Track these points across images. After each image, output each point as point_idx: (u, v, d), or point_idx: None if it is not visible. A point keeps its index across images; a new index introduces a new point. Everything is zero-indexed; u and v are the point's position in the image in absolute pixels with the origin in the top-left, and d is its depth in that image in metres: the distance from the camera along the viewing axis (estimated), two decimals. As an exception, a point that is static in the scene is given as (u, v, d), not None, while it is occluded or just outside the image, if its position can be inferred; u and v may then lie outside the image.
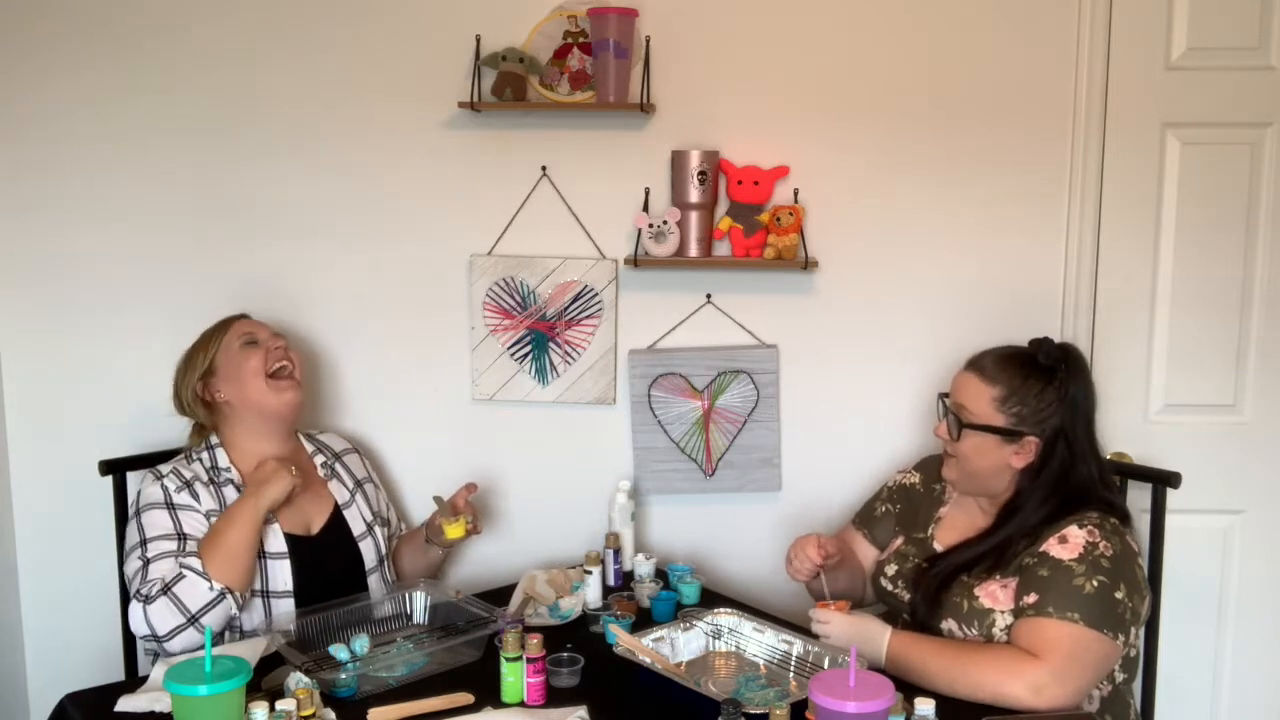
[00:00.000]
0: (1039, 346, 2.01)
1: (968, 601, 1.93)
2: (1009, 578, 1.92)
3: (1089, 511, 1.92)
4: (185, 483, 2.14)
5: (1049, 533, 1.91)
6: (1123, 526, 1.93)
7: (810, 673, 1.85)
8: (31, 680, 2.70)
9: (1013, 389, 1.96)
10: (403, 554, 2.42)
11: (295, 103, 2.53)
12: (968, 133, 2.47)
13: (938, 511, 2.16)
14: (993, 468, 1.99)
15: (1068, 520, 1.91)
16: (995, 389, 1.97)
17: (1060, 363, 1.98)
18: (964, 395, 2.01)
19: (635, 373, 2.57)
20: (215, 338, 2.26)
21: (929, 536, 2.13)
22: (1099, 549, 1.86)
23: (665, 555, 2.59)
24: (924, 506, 2.20)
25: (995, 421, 1.96)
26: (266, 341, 2.25)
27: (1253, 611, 2.56)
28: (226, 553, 2.02)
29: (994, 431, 1.96)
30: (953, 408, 2.03)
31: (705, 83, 2.49)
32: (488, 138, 2.53)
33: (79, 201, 2.56)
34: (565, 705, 1.79)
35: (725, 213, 2.49)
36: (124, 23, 2.51)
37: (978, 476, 2.02)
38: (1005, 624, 1.88)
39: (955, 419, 2.01)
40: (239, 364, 2.21)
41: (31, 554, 2.66)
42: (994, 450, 1.97)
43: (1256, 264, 2.47)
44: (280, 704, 1.68)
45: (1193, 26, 2.41)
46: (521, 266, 2.56)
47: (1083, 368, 2.02)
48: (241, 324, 2.29)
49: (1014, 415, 1.96)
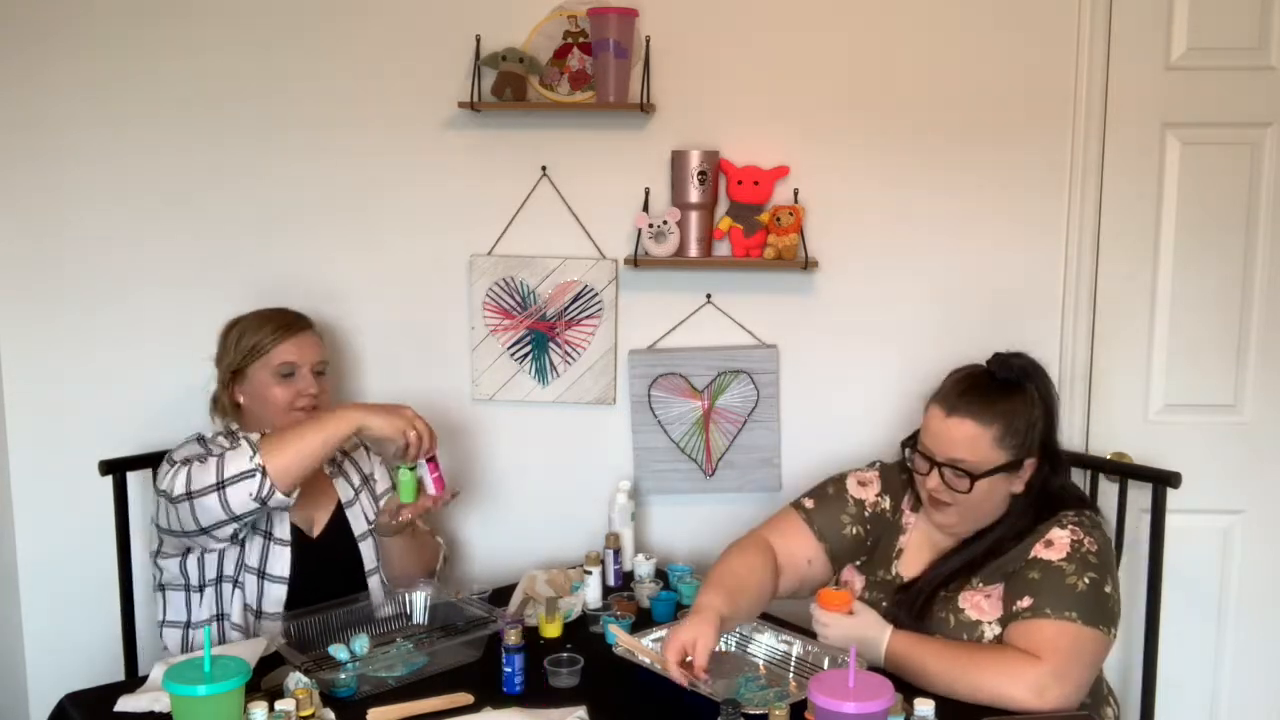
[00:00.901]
0: (1002, 364, 1.96)
1: (953, 615, 1.91)
2: (991, 585, 1.91)
3: (1066, 511, 1.92)
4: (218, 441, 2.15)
5: (1032, 537, 1.91)
6: (1096, 518, 1.94)
7: (810, 673, 1.84)
8: (31, 680, 2.70)
9: (1008, 422, 1.89)
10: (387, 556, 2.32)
11: (295, 102, 2.53)
12: (967, 133, 2.47)
13: (897, 542, 2.07)
14: (997, 502, 1.95)
15: (1049, 523, 1.91)
16: (992, 429, 1.88)
17: (1023, 374, 1.94)
18: (960, 446, 1.89)
19: (635, 373, 2.57)
20: (263, 346, 2.18)
21: (894, 575, 2.04)
22: (1085, 546, 1.86)
23: (665, 555, 2.59)
24: (887, 536, 2.09)
25: (1001, 460, 1.89)
26: (302, 381, 2.19)
27: (1253, 611, 2.56)
28: (283, 443, 1.97)
29: (1002, 470, 1.91)
30: (947, 460, 1.90)
31: (705, 83, 2.49)
32: (488, 138, 2.53)
33: (79, 202, 2.56)
34: (565, 705, 1.79)
35: (725, 213, 2.49)
36: (124, 22, 2.51)
37: (983, 517, 1.96)
38: (993, 634, 1.88)
39: (959, 473, 1.89)
40: (267, 387, 2.18)
41: (31, 554, 2.66)
42: (1001, 486, 1.93)
43: (1256, 264, 2.47)
44: (280, 704, 1.68)
45: (1193, 26, 2.41)
46: (521, 266, 2.56)
47: (1044, 373, 1.98)
48: (290, 346, 2.19)
49: (1013, 447, 1.90)
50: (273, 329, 2.20)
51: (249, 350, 2.19)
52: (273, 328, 2.21)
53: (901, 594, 1.97)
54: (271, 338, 2.19)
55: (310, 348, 2.24)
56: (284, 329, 2.21)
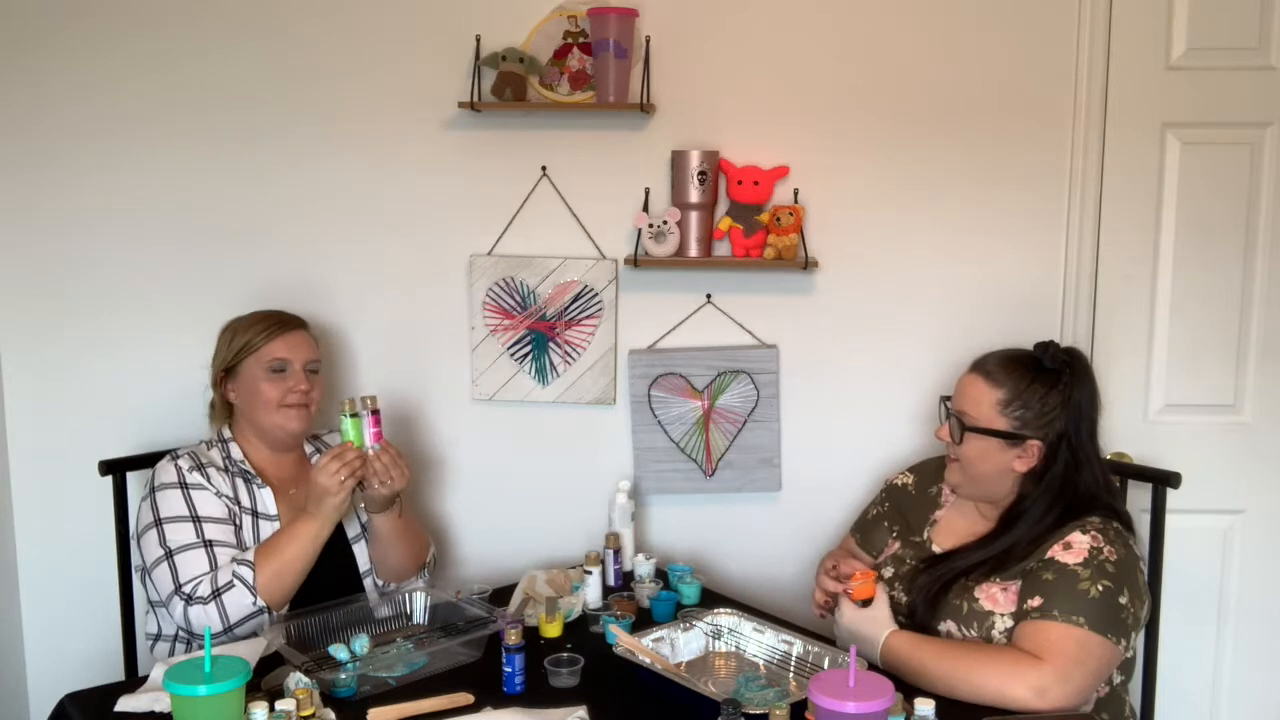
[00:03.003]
0: (1044, 349, 2.00)
1: (967, 603, 1.93)
2: (1010, 581, 1.92)
3: (1091, 517, 1.92)
4: (199, 464, 2.15)
5: (1053, 539, 1.91)
6: (1125, 532, 1.93)
7: (810, 673, 1.85)
8: (31, 680, 2.70)
9: (1016, 392, 1.95)
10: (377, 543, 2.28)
11: (295, 103, 2.53)
12: (968, 133, 2.47)
13: (933, 514, 2.16)
14: (995, 471, 1.98)
15: (1071, 526, 1.91)
16: (999, 392, 1.96)
17: (1065, 366, 1.97)
18: (967, 398, 2.00)
19: (635, 373, 2.57)
20: (253, 343, 2.20)
21: (926, 540, 2.12)
22: (1103, 554, 1.85)
23: (665, 555, 2.59)
24: (917, 509, 2.19)
25: (997, 425, 1.96)
26: (294, 378, 2.20)
27: (1253, 611, 2.55)
28: (280, 567, 2.04)
29: (996, 435, 1.96)
30: (955, 411, 2.02)
31: (705, 83, 2.49)
32: (488, 138, 2.53)
33: (79, 202, 2.56)
34: (565, 705, 1.79)
35: (725, 213, 2.49)
36: (124, 26, 2.50)
37: (980, 481, 2.01)
38: (1005, 626, 1.88)
39: (958, 422, 2.00)
40: (259, 384, 2.19)
41: (31, 554, 2.66)
42: (996, 454, 1.97)
43: (1256, 264, 2.47)
44: (280, 704, 1.68)
45: (1193, 26, 2.41)
46: (521, 266, 2.56)
47: (1088, 372, 2.00)
48: (281, 343, 2.21)
49: (1016, 419, 1.95)
50: (264, 327, 2.22)
51: (241, 347, 2.21)
52: (265, 325, 2.23)
53: (929, 567, 2.02)
54: (263, 335, 2.21)
55: (302, 346, 2.25)
56: (276, 326, 2.23)
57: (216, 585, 2.02)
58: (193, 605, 2.01)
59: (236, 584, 2.01)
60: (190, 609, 2.01)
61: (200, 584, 2.03)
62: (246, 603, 2.01)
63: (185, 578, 2.04)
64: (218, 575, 2.03)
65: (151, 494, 2.13)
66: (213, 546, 2.07)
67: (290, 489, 2.25)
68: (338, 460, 2.06)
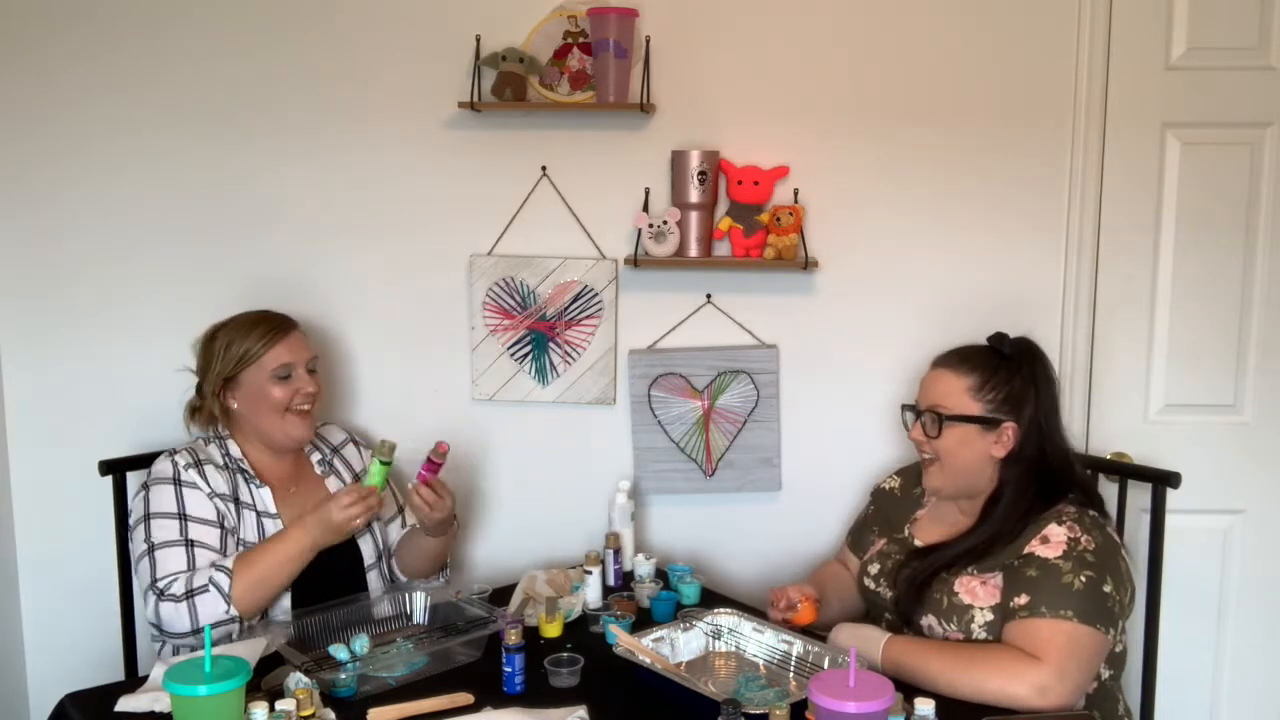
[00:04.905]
0: (1000, 340, 2.04)
1: (947, 597, 1.94)
2: (988, 574, 1.92)
3: (1066, 506, 1.93)
4: (197, 462, 2.15)
5: (1031, 531, 1.92)
6: (1101, 518, 1.94)
7: (810, 673, 1.85)
8: (31, 680, 2.70)
9: (985, 377, 1.99)
10: (402, 550, 2.39)
11: (294, 103, 2.53)
12: (967, 133, 2.47)
13: (915, 513, 2.18)
14: (975, 461, 1.99)
15: (1046, 517, 1.92)
16: (969, 379, 1.99)
17: (1023, 352, 2.02)
18: (937, 391, 2.02)
19: (635, 373, 2.57)
20: (255, 352, 2.18)
21: (908, 536, 2.14)
22: (1081, 544, 1.87)
23: (665, 555, 2.59)
24: (901, 508, 2.22)
25: (973, 411, 1.98)
26: (298, 381, 2.21)
27: (1252, 611, 2.56)
28: (258, 579, 2.04)
29: (974, 420, 1.98)
30: (927, 407, 2.03)
31: (705, 83, 2.49)
32: (488, 138, 2.53)
33: (79, 201, 2.56)
34: (565, 705, 1.79)
35: (725, 213, 2.49)
36: (125, 28, 2.50)
37: (961, 474, 2.01)
38: (984, 620, 1.89)
39: (933, 416, 2.01)
40: (264, 392, 2.18)
41: (31, 554, 2.66)
42: (975, 441, 1.98)
43: (1256, 264, 2.47)
44: (280, 704, 1.68)
45: (1193, 26, 2.41)
46: (521, 266, 2.56)
47: (1043, 356, 2.05)
48: (282, 349, 2.19)
49: (990, 402, 1.98)
50: (261, 334, 2.20)
51: (240, 357, 2.18)
52: (261, 332, 2.20)
53: (911, 561, 2.04)
54: (262, 343, 2.19)
55: (301, 347, 2.25)
56: (273, 332, 2.21)
57: (190, 586, 2.01)
58: (164, 601, 2.01)
59: (211, 589, 2.01)
60: (161, 605, 2.01)
61: (175, 581, 2.02)
62: (219, 610, 2.00)
63: (162, 573, 2.04)
64: (194, 576, 2.03)
65: (145, 488, 2.14)
66: (194, 546, 2.07)
67: (290, 487, 2.25)
68: (361, 503, 2.09)
